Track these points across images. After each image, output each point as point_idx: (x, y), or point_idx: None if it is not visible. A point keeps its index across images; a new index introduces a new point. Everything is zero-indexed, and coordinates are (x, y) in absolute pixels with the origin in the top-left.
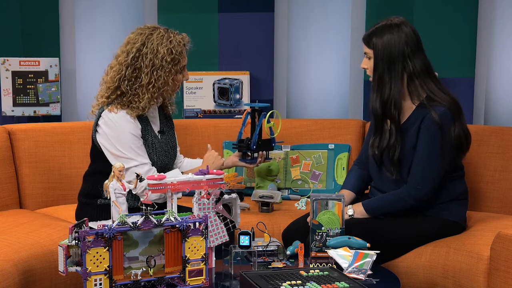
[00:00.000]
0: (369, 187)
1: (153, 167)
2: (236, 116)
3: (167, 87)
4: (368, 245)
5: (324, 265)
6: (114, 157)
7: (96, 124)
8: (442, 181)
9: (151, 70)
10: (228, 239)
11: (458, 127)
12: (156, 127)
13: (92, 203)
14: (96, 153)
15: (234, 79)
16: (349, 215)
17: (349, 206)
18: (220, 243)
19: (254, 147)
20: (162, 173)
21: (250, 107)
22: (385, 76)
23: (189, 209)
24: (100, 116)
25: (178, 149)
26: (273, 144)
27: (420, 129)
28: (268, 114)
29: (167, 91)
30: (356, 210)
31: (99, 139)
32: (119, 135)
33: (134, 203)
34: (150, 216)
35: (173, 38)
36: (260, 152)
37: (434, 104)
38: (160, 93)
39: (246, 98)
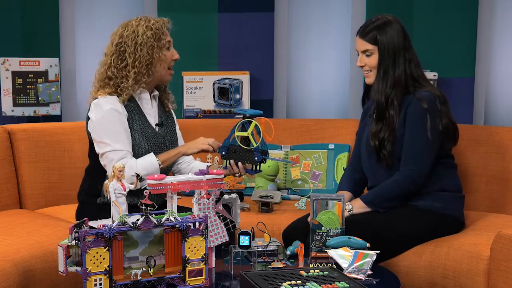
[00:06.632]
0: (365, 189)
1: (130, 156)
2: (236, 116)
3: (154, 62)
4: (368, 245)
5: (324, 265)
6: (96, 143)
7: (88, 117)
8: (434, 168)
9: (135, 48)
10: (228, 239)
11: (445, 116)
12: (153, 119)
13: (92, 202)
14: (92, 149)
15: (234, 79)
16: (348, 211)
17: (347, 203)
18: (220, 243)
19: (224, 153)
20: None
21: (239, 113)
22: (390, 68)
23: (189, 209)
24: (90, 107)
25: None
26: (256, 158)
27: (406, 115)
28: (238, 124)
29: (155, 67)
30: (355, 205)
31: (88, 128)
32: (102, 118)
33: (133, 200)
34: (150, 216)
35: (151, 19)
36: (240, 165)
37: (419, 90)
38: (148, 69)
39: (246, 98)
